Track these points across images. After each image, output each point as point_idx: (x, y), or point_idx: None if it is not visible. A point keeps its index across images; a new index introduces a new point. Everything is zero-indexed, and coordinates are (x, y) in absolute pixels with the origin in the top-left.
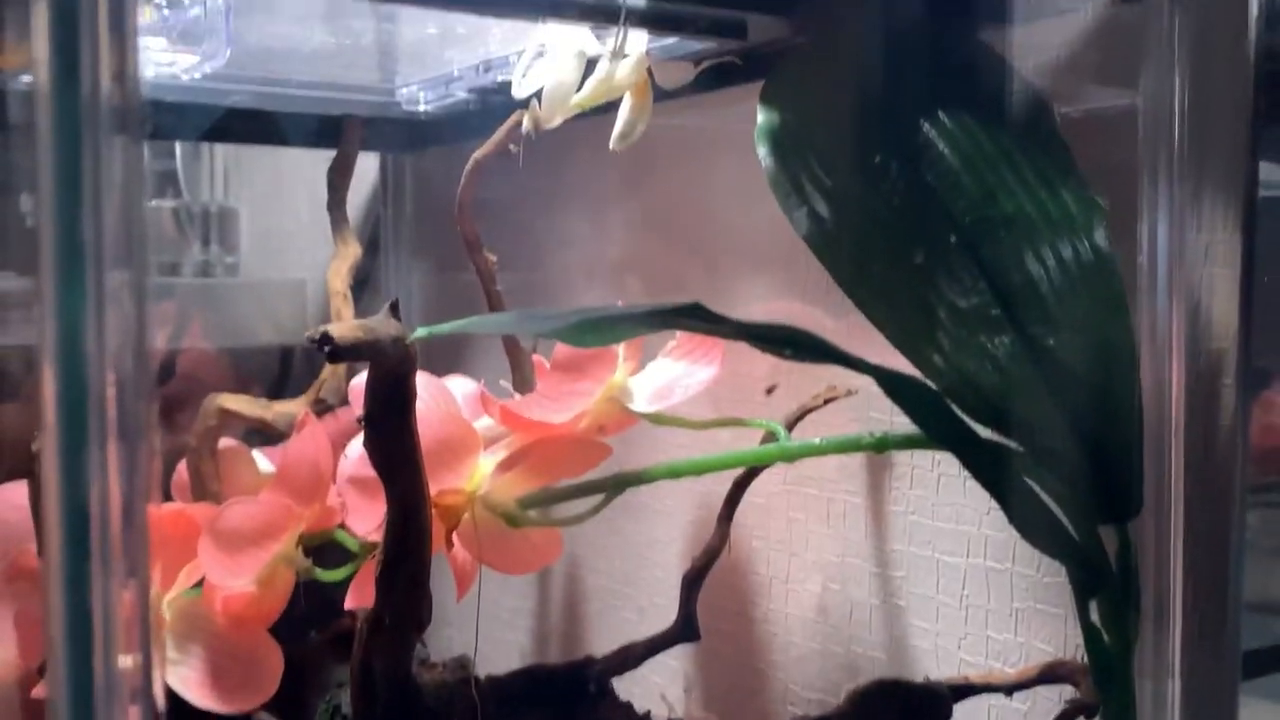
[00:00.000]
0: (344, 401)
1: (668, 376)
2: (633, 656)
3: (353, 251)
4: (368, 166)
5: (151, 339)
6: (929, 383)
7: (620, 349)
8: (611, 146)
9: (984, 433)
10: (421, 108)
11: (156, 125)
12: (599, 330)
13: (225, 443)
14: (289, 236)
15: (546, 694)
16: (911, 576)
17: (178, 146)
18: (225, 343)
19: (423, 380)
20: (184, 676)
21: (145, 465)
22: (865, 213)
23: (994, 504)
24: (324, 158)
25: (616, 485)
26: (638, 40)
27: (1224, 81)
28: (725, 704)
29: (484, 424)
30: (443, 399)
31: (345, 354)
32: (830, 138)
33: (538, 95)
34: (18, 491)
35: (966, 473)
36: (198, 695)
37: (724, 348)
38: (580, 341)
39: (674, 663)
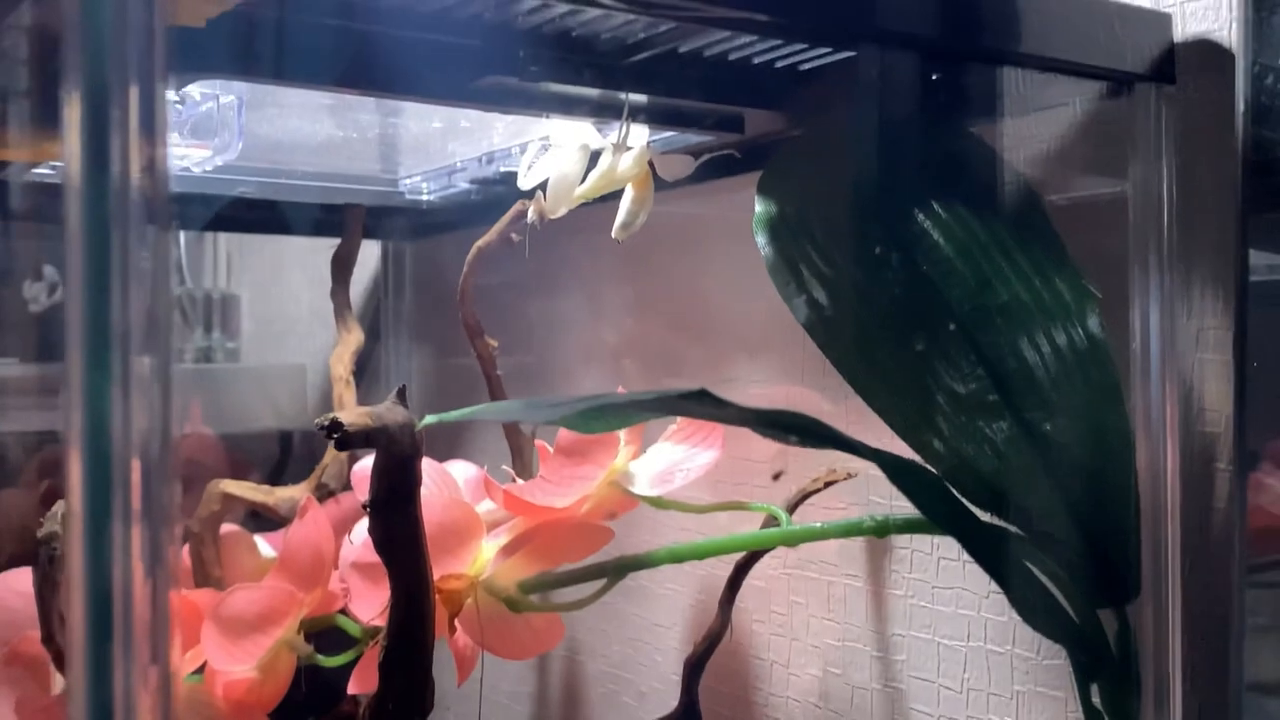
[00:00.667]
0: (346, 486)
1: (668, 461)
2: None
3: (355, 337)
4: (369, 254)
5: (174, 424)
6: (929, 468)
7: (622, 434)
8: (614, 236)
9: (983, 516)
10: (425, 197)
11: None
12: (605, 417)
13: (227, 528)
14: (289, 322)
15: None
16: (912, 660)
17: (181, 235)
18: (226, 427)
19: (425, 465)
20: None
21: (169, 550)
22: (863, 300)
23: (993, 587)
24: (325, 245)
25: (619, 570)
26: (639, 134)
27: (1211, 171)
28: None
29: (485, 508)
30: (445, 484)
31: (353, 441)
32: (827, 227)
33: (543, 187)
34: (20, 578)
35: (966, 556)
36: None
37: (724, 432)
38: (586, 428)
39: None
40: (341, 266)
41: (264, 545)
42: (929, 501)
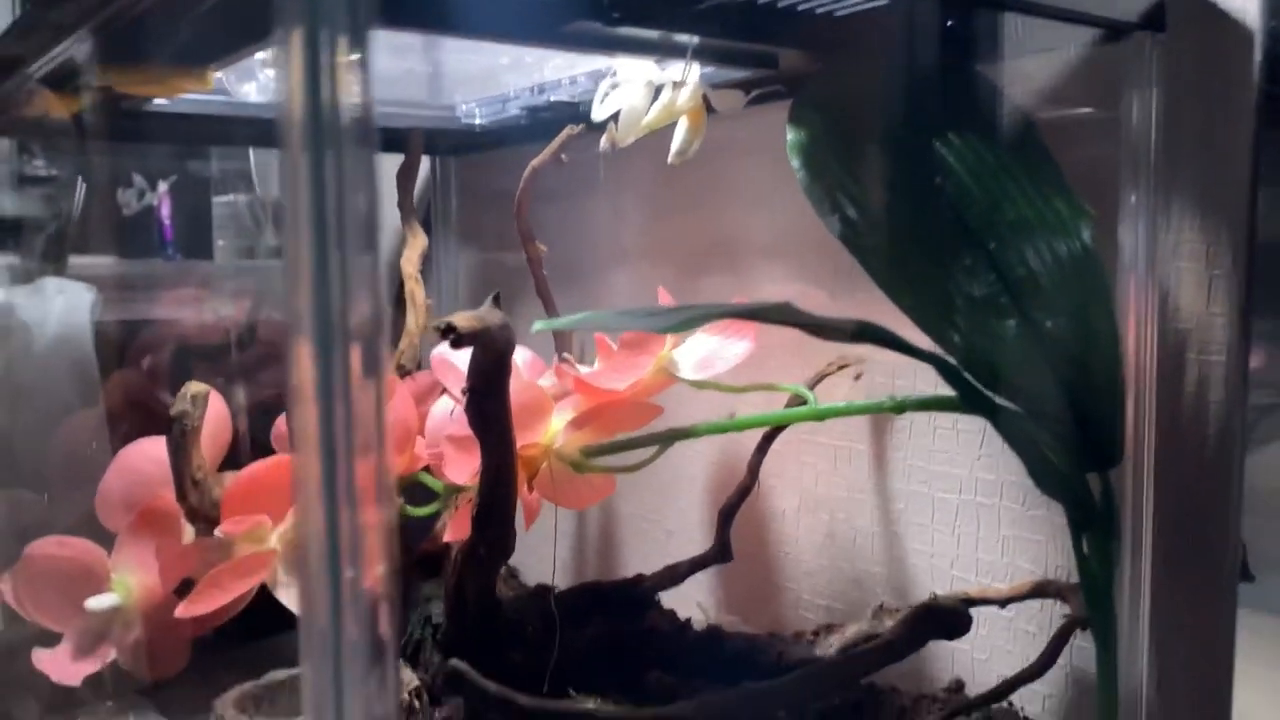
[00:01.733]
0: (417, 366)
1: (707, 349)
2: (677, 575)
3: (420, 241)
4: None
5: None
6: (949, 357)
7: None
8: (671, 161)
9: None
10: (478, 122)
11: (249, 134)
12: (696, 323)
13: None
14: None
15: (605, 605)
16: (909, 510)
17: (251, 151)
18: None
19: None
20: (292, 596)
21: (380, 424)
22: (891, 217)
23: (984, 450)
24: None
25: (669, 439)
26: (693, 71)
27: (1192, 109)
28: (748, 610)
29: (542, 384)
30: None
31: (464, 340)
32: (855, 153)
33: (614, 119)
34: (149, 446)
35: (960, 425)
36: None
37: (757, 328)
38: (679, 329)
39: (706, 579)
40: (406, 180)
41: None
42: (963, 388)
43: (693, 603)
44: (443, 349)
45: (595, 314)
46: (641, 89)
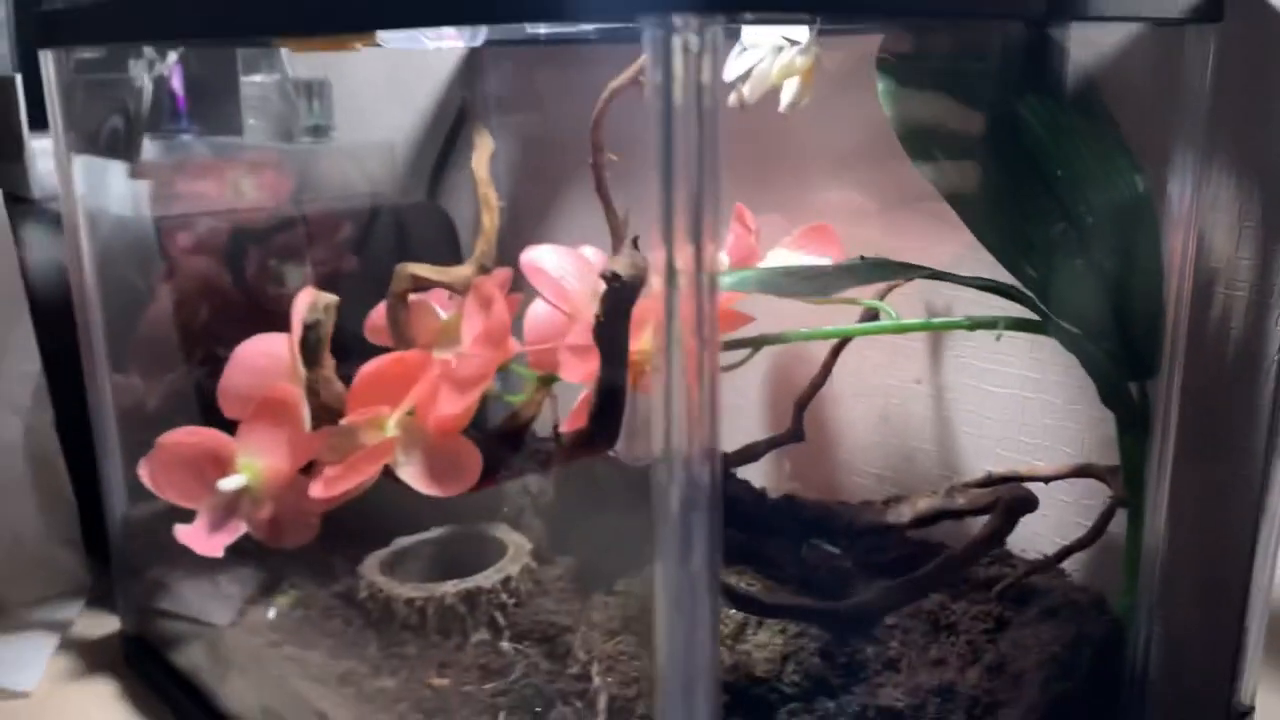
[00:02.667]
0: (497, 264)
1: (788, 263)
2: (755, 452)
3: (488, 143)
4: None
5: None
6: (1025, 289)
7: (755, 244)
8: (781, 110)
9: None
10: (542, 32)
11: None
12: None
13: (414, 297)
14: (373, 104)
15: None
16: (960, 398)
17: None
18: (334, 195)
19: (567, 252)
20: (410, 473)
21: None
22: (978, 166)
23: (1030, 354)
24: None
25: (760, 343)
26: (804, 34)
27: (1241, 84)
28: (809, 478)
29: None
30: (582, 266)
31: (626, 285)
32: (942, 103)
33: (743, 78)
34: (267, 341)
35: (1009, 334)
36: (423, 485)
37: (840, 243)
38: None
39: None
40: (472, 78)
41: (439, 309)
42: (1035, 312)
43: (757, 475)
44: (533, 254)
45: (764, 273)
46: (770, 54)
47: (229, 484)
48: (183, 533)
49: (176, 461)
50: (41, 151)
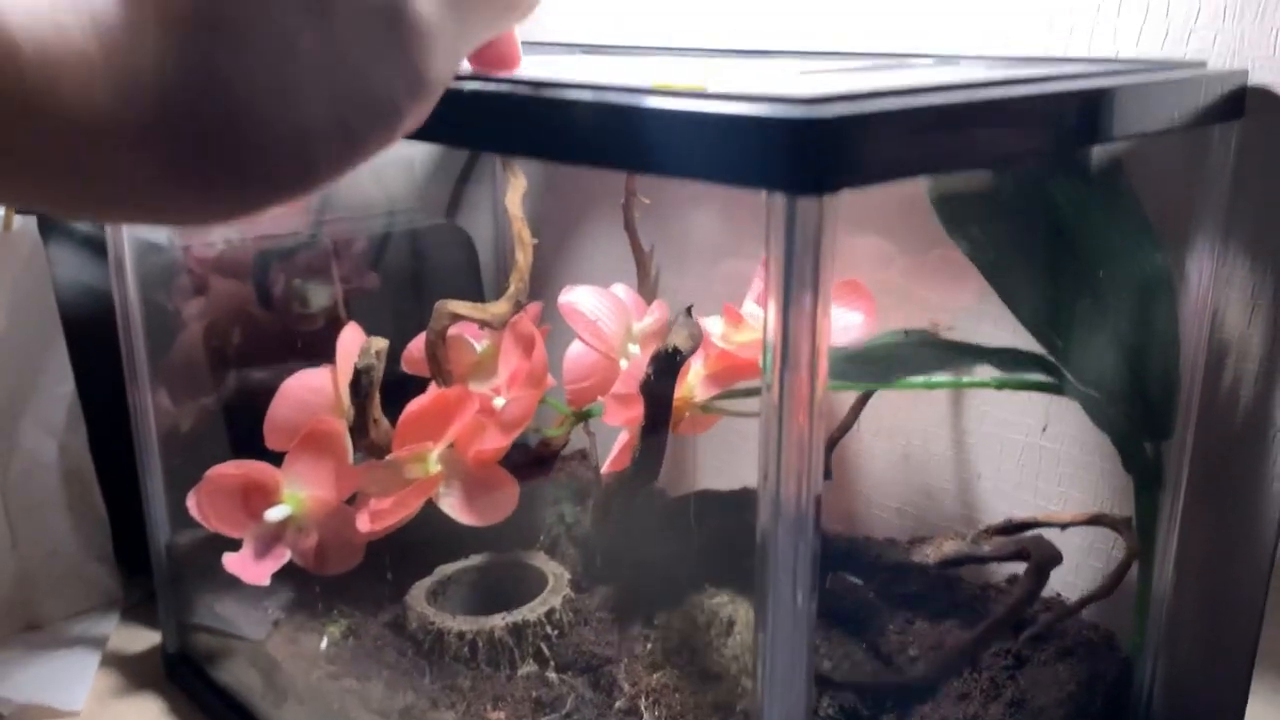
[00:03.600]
0: (530, 299)
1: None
2: None
3: (521, 182)
4: None
5: None
6: (1050, 356)
7: None
8: None
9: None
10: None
11: None
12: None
13: (451, 332)
14: None
15: (721, 509)
16: (979, 445)
17: None
18: (355, 212)
19: (601, 293)
20: (451, 504)
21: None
22: (1011, 241)
23: (1049, 406)
24: None
25: None
26: None
27: (1258, 179)
28: (830, 510)
29: (641, 325)
30: (616, 306)
31: (686, 359)
32: (979, 179)
33: None
34: (312, 376)
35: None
36: (464, 516)
37: (872, 300)
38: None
39: None
40: None
41: (474, 343)
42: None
43: None
44: (570, 296)
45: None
46: None
47: (275, 514)
48: (230, 561)
49: (223, 493)
50: None
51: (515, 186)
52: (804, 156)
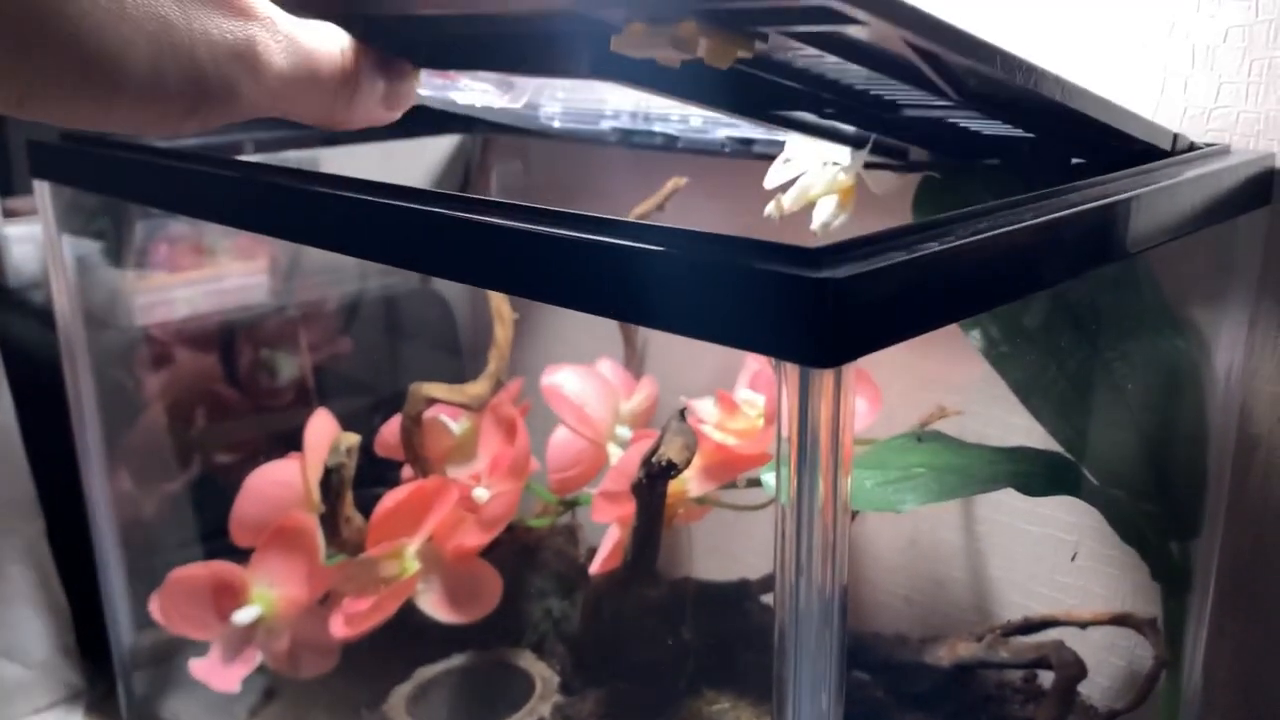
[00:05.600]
0: (510, 376)
1: None
2: None
3: None
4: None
5: None
6: (1068, 455)
7: None
8: (813, 229)
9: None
10: (556, 125)
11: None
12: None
13: (426, 416)
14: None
15: (712, 603)
16: (993, 533)
17: None
18: (327, 276)
19: (587, 374)
20: (430, 600)
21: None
22: (1023, 332)
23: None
24: None
25: None
26: (845, 154)
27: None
28: None
29: (629, 405)
30: (601, 384)
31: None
32: None
33: (782, 188)
34: (278, 469)
35: None
36: (443, 613)
37: (878, 389)
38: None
39: None
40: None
41: (450, 423)
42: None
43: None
44: (554, 379)
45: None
46: (818, 168)
47: (244, 616)
48: (197, 667)
49: (187, 595)
50: (16, 238)
51: None
52: (821, 328)
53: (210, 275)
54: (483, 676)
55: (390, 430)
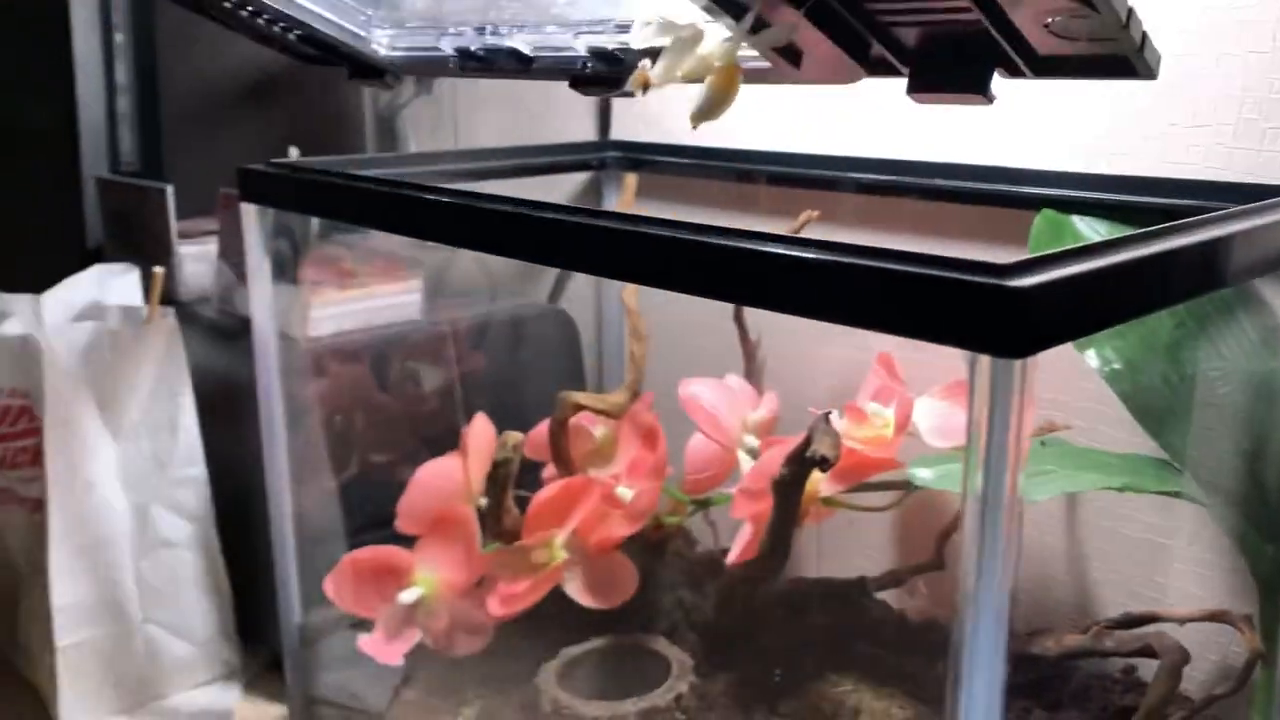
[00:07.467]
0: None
1: (939, 414)
2: (898, 578)
3: None
4: None
5: None
6: (1176, 464)
7: (907, 395)
8: (690, 118)
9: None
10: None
11: None
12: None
13: (572, 422)
14: None
15: (833, 599)
16: (1095, 537)
17: None
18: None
19: (717, 385)
20: (574, 588)
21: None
22: (1137, 351)
23: (1164, 502)
24: None
25: (911, 487)
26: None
27: None
28: (944, 599)
29: (755, 415)
30: (730, 396)
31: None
32: None
33: (652, 56)
34: (443, 464)
35: None
36: (586, 599)
37: None
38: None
39: None
40: None
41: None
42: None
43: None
44: (692, 388)
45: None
46: (691, 32)
47: (408, 596)
48: (365, 642)
49: (359, 576)
50: (189, 256)
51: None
52: (1012, 328)
53: (366, 294)
54: (622, 657)
55: (538, 434)
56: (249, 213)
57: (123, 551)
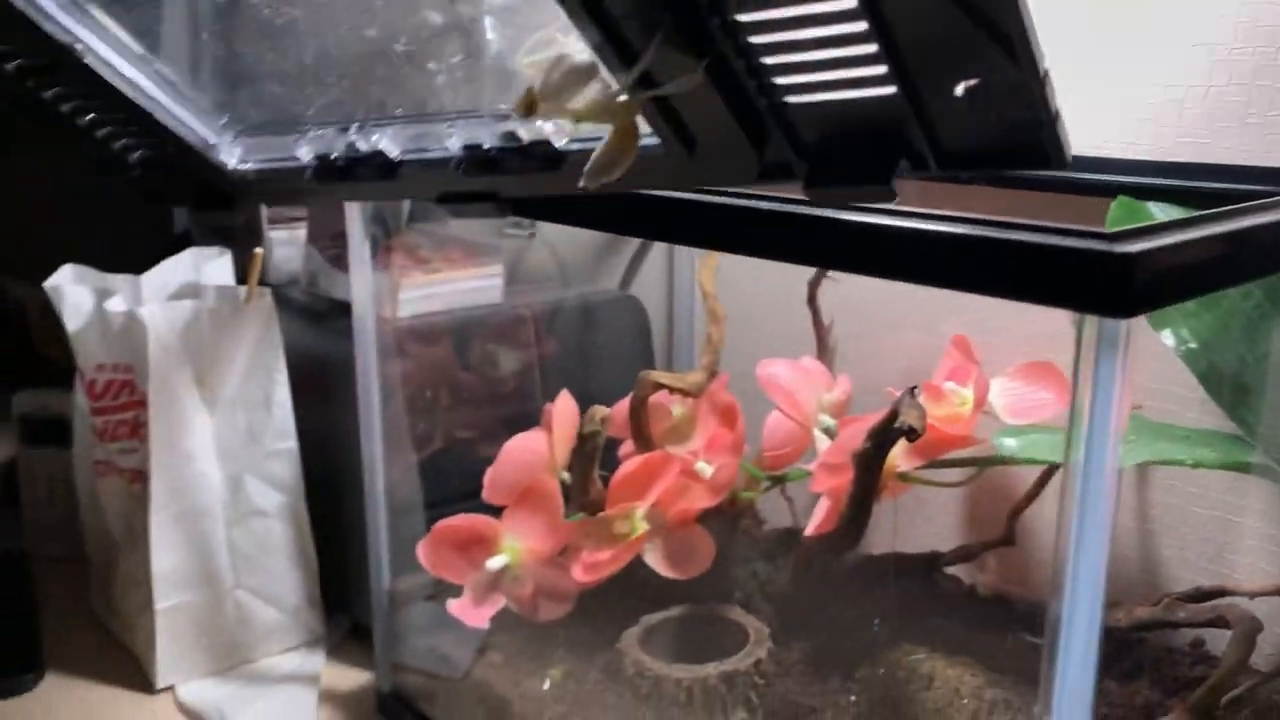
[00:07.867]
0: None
1: (1015, 395)
2: (969, 553)
3: (714, 259)
4: None
5: None
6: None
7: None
8: (582, 182)
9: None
10: None
11: None
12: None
13: (653, 399)
14: None
15: (908, 573)
16: (1165, 515)
17: None
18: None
19: (794, 365)
20: (654, 558)
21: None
22: (1215, 332)
23: (1234, 482)
24: None
25: (986, 463)
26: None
27: None
28: (1013, 575)
29: (830, 396)
30: (806, 376)
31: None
32: None
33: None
34: (530, 439)
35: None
36: (665, 569)
37: (1065, 382)
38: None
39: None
40: None
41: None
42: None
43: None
44: (771, 368)
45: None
46: (583, 55)
47: (495, 563)
48: (454, 606)
49: (449, 543)
50: (279, 241)
51: (706, 263)
52: (1120, 289)
53: (450, 278)
54: (699, 626)
55: (617, 411)
56: (351, 208)
57: (217, 520)
